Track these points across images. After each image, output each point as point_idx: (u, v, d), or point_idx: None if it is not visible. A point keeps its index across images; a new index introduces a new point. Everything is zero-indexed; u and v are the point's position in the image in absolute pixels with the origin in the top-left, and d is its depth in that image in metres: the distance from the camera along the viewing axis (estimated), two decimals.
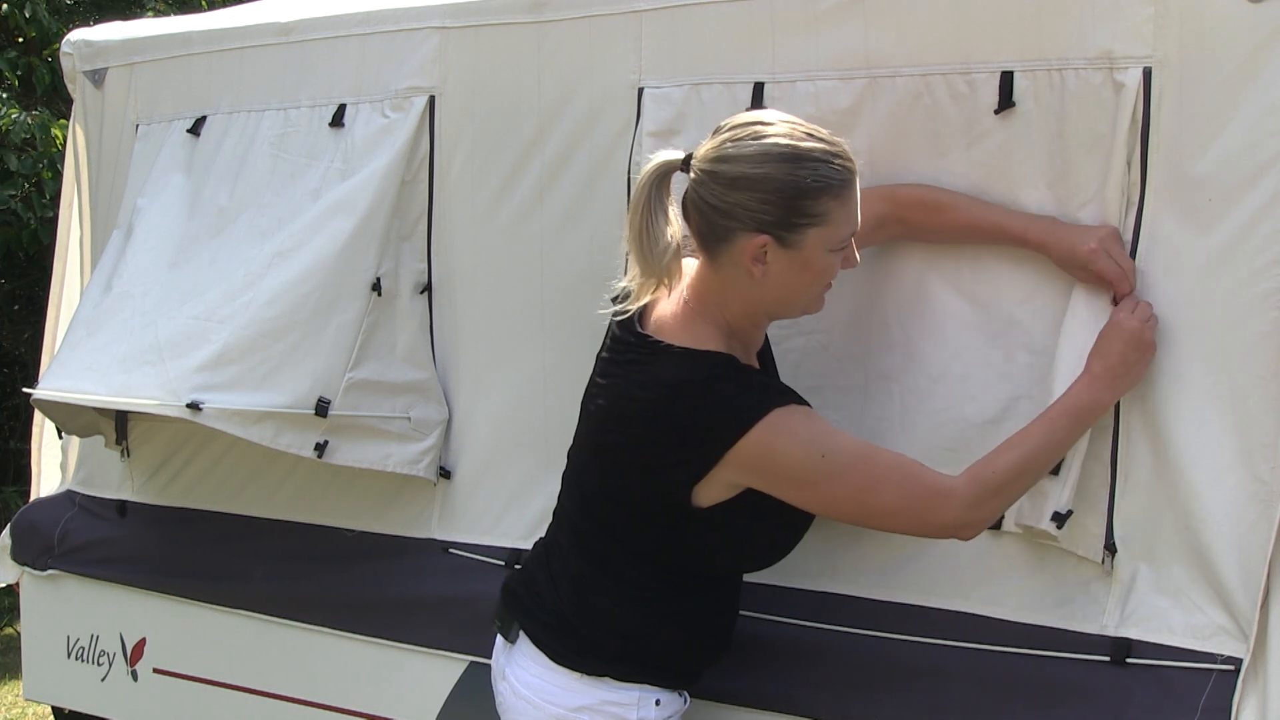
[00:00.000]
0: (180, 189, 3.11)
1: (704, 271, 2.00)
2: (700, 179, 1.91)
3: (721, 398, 1.92)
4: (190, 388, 2.65)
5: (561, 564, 2.14)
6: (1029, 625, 2.12)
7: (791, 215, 1.87)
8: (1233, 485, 1.96)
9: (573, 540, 2.14)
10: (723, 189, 1.88)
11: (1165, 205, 2.00)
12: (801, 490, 1.95)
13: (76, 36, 3.46)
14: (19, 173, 6.10)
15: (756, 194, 1.87)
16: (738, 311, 2.00)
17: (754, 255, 1.90)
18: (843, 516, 2.02)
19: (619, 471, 2.03)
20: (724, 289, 1.98)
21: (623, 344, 2.05)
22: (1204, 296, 1.98)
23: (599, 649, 2.06)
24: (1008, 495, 1.98)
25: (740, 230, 1.89)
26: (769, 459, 1.92)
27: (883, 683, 2.21)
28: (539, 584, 2.15)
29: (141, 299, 2.93)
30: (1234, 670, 1.95)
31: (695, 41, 2.41)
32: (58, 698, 3.59)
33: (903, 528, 2.04)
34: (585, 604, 2.08)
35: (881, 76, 2.21)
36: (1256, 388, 1.95)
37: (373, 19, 2.85)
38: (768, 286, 1.95)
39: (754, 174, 1.86)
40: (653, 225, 1.92)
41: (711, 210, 1.90)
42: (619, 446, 2.03)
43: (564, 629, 2.09)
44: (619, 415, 2.03)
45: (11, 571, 3.58)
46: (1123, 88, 2.00)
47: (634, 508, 2.03)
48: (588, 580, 2.09)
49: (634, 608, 2.07)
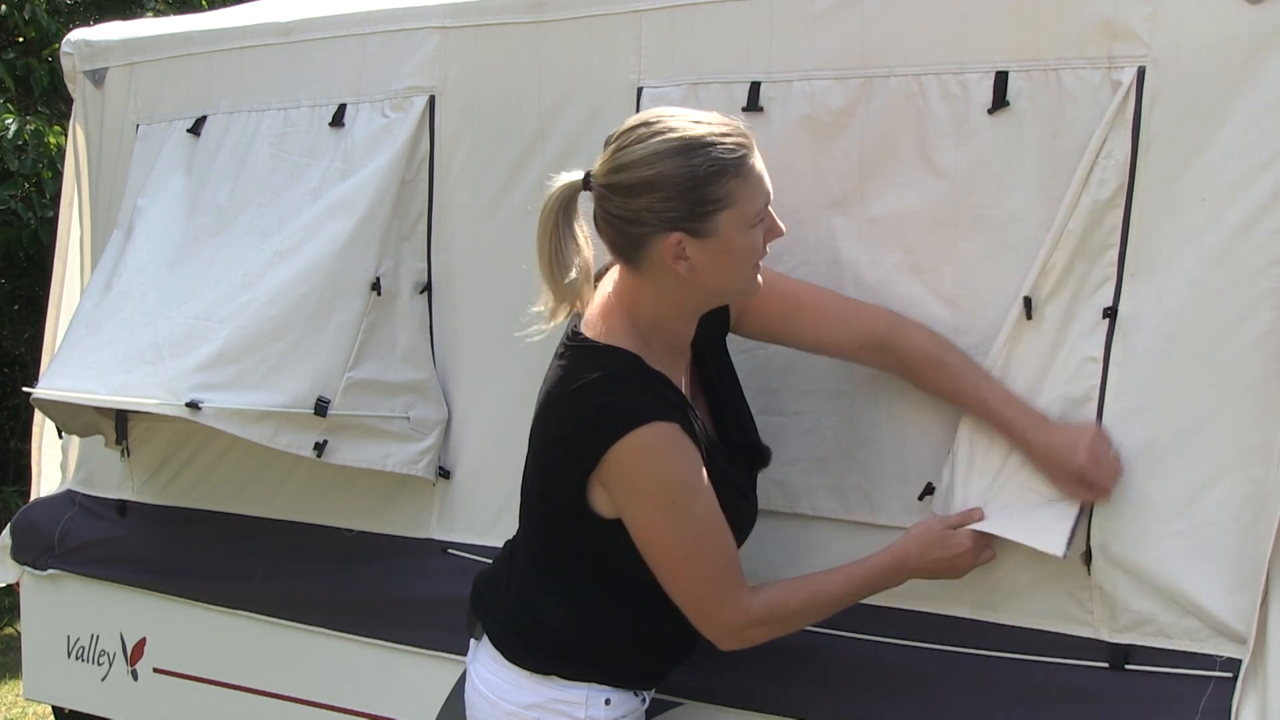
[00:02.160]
0: (180, 189, 3.11)
1: (629, 279, 1.98)
2: (602, 194, 1.92)
3: (611, 398, 1.92)
4: (189, 387, 2.65)
5: (516, 563, 2.17)
6: (1026, 630, 2.12)
7: (696, 205, 1.87)
8: (1230, 486, 1.96)
9: (522, 539, 2.18)
10: (623, 199, 1.89)
11: (1159, 205, 2.00)
12: (644, 510, 1.94)
13: (76, 36, 3.46)
14: (19, 173, 6.10)
15: (657, 195, 1.87)
16: (670, 312, 2.00)
17: (673, 254, 1.89)
18: (652, 556, 1.97)
19: (539, 470, 2.06)
20: (654, 293, 1.97)
21: (561, 343, 2.06)
22: (1201, 297, 1.98)
23: (543, 647, 2.08)
24: (782, 629, 2.05)
25: (652, 234, 1.89)
26: (631, 473, 1.91)
27: (880, 687, 2.21)
28: (498, 583, 2.19)
29: (141, 298, 2.93)
30: (1233, 673, 1.95)
31: (694, 41, 2.41)
32: (58, 697, 3.60)
33: (685, 602, 2.00)
34: (529, 602, 2.11)
35: (876, 76, 2.21)
36: (1254, 388, 1.95)
37: (373, 19, 2.86)
38: (698, 281, 1.93)
39: (649, 175, 1.86)
40: (562, 251, 1.92)
41: (620, 221, 1.91)
42: (537, 445, 2.06)
43: (513, 627, 2.11)
44: (540, 413, 2.04)
45: (12, 571, 3.58)
46: (1118, 87, 2.00)
47: (553, 508, 2.05)
48: (531, 578, 2.12)
49: (572, 607, 2.08)
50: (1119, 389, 2.02)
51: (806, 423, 2.31)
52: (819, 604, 2.05)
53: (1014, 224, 2.11)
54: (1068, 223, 2.02)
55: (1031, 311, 2.05)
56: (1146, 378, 2.01)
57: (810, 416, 2.31)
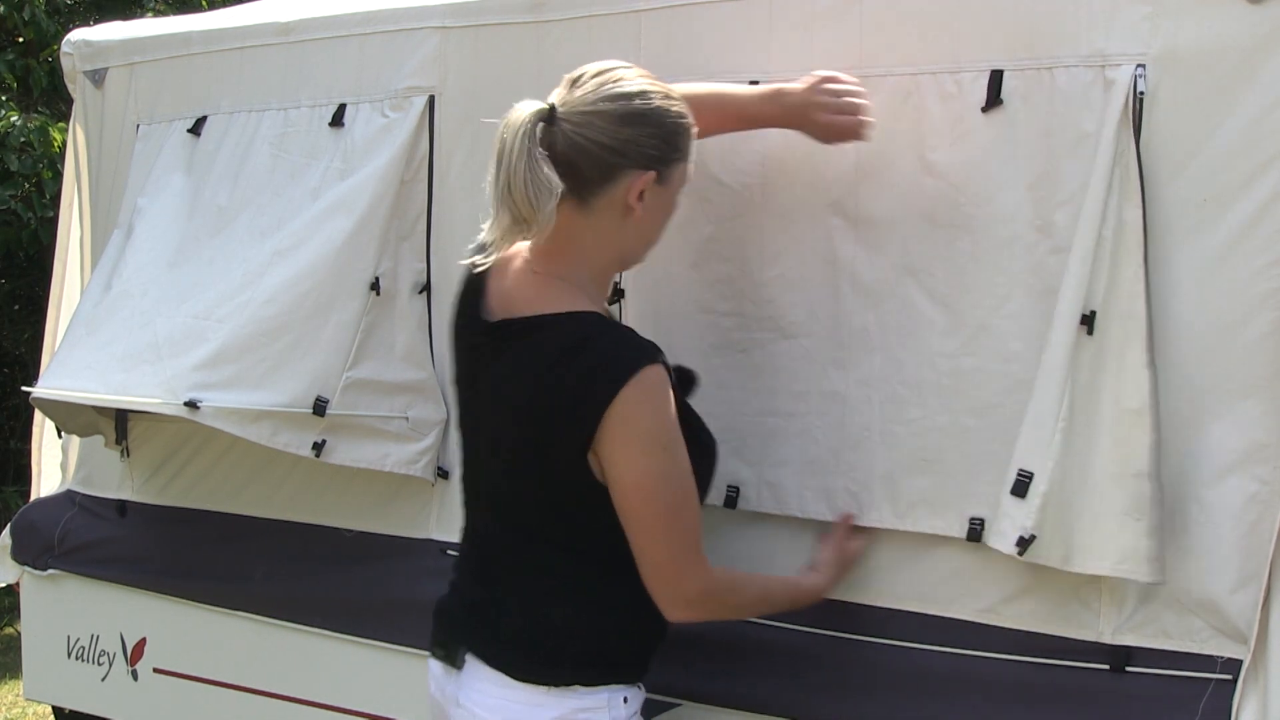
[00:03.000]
0: (180, 189, 3.11)
1: (567, 225, 1.94)
2: (585, 120, 1.90)
3: (603, 351, 1.93)
4: (188, 386, 2.65)
5: (503, 582, 2.08)
6: (1026, 633, 2.11)
7: (670, 151, 1.95)
8: (1233, 487, 1.96)
9: (506, 556, 2.09)
10: (614, 125, 1.90)
11: (1160, 205, 1.99)
12: (641, 458, 1.91)
13: (76, 36, 3.46)
14: (19, 173, 6.10)
15: (647, 129, 1.92)
16: (602, 262, 2.01)
17: (637, 193, 1.94)
18: (640, 509, 1.95)
19: (532, 463, 2.00)
20: (593, 237, 1.98)
21: (482, 340, 2.03)
22: (1202, 297, 1.97)
23: (562, 658, 2.01)
24: (722, 611, 2.13)
25: (628, 168, 1.92)
26: (634, 417, 1.90)
27: (880, 688, 2.20)
28: (482, 605, 2.09)
29: (141, 298, 2.93)
30: (1233, 674, 1.94)
31: (694, 41, 2.41)
32: (58, 697, 3.60)
33: (662, 558, 1.98)
34: (538, 616, 2.03)
35: (874, 75, 2.21)
36: (1256, 389, 1.95)
37: (373, 19, 2.85)
38: (636, 228, 1.98)
39: (644, 109, 1.92)
40: (538, 172, 1.87)
41: (601, 149, 1.91)
42: (520, 440, 2.00)
43: (521, 644, 2.03)
44: (511, 406, 1.99)
45: (12, 571, 3.58)
46: (1113, 85, 1.99)
47: (555, 497, 2.00)
48: (534, 588, 2.05)
49: (583, 607, 2.04)
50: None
51: (800, 424, 2.31)
52: (763, 602, 2.17)
53: (1007, 223, 2.11)
54: (1101, 229, 1.98)
55: (1094, 327, 1.99)
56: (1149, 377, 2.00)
57: (803, 418, 2.30)
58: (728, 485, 2.36)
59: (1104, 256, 1.98)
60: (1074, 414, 1.99)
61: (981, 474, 2.12)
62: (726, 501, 2.36)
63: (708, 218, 2.37)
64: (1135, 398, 1.96)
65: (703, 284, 2.39)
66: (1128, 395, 1.97)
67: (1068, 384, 1.98)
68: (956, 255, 2.15)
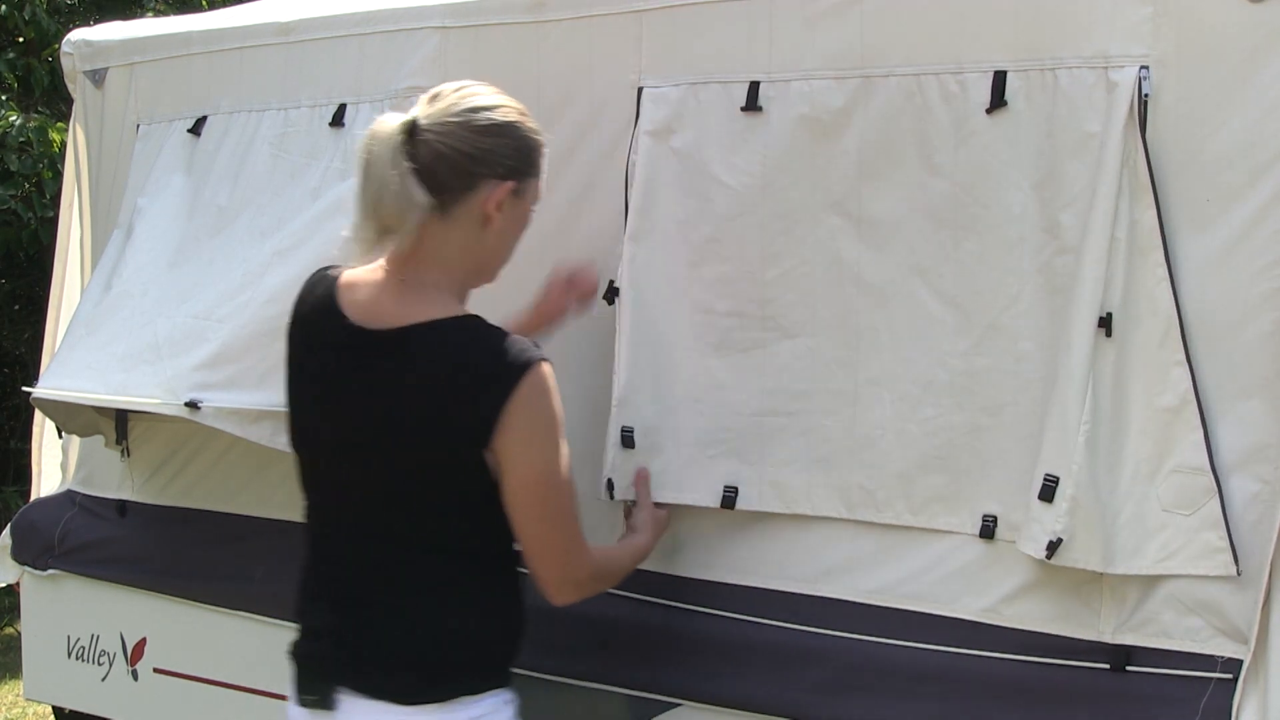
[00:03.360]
0: (180, 189, 3.11)
1: (428, 235, 1.97)
2: (447, 129, 1.95)
3: (493, 352, 1.93)
4: (188, 386, 2.65)
5: (378, 604, 2.01)
6: (1027, 632, 2.12)
7: (525, 164, 2.02)
8: (1234, 487, 1.96)
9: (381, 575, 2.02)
10: (476, 135, 1.96)
11: (1162, 206, 1.99)
12: (541, 451, 1.94)
13: (77, 36, 3.46)
14: (19, 173, 6.10)
15: (507, 140, 1.98)
16: (459, 272, 2.03)
17: (497, 202, 1.98)
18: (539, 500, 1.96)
19: (412, 477, 1.96)
20: (454, 246, 2.00)
21: (345, 350, 2.00)
22: (1204, 297, 1.98)
23: (444, 670, 1.98)
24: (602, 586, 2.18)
25: (488, 177, 1.97)
26: (529, 413, 1.92)
27: (882, 688, 2.20)
28: (353, 634, 2.01)
29: (141, 298, 2.93)
30: (1234, 673, 1.95)
31: (695, 41, 2.41)
32: (58, 697, 3.60)
33: (556, 547, 2.00)
34: (418, 631, 1.98)
35: (875, 76, 2.21)
36: (1258, 389, 1.95)
37: (373, 19, 2.85)
38: (492, 239, 2.02)
39: (503, 122, 1.99)
40: (407, 180, 1.92)
41: (463, 157, 1.95)
42: (406, 450, 1.96)
43: (403, 666, 1.97)
44: (393, 416, 1.96)
45: (12, 571, 3.58)
46: (1116, 87, 1.99)
47: (439, 507, 1.98)
48: (418, 606, 1.99)
49: (469, 614, 2.01)
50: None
51: (804, 423, 2.31)
52: (623, 571, 2.22)
53: (1013, 223, 2.11)
54: (1114, 230, 1.99)
55: (1112, 329, 2.00)
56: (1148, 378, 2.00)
57: (808, 417, 2.30)
58: (724, 486, 2.35)
59: (1118, 258, 1.98)
60: (1098, 416, 1.99)
61: (994, 472, 2.13)
62: (724, 502, 2.36)
63: (707, 217, 2.37)
64: (1170, 395, 1.97)
65: (702, 284, 2.39)
66: (1160, 394, 1.98)
67: (1088, 387, 1.99)
68: (964, 255, 2.15)
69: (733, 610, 2.37)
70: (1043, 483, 2.01)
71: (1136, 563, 1.99)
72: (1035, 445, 2.06)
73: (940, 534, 2.20)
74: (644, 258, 2.40)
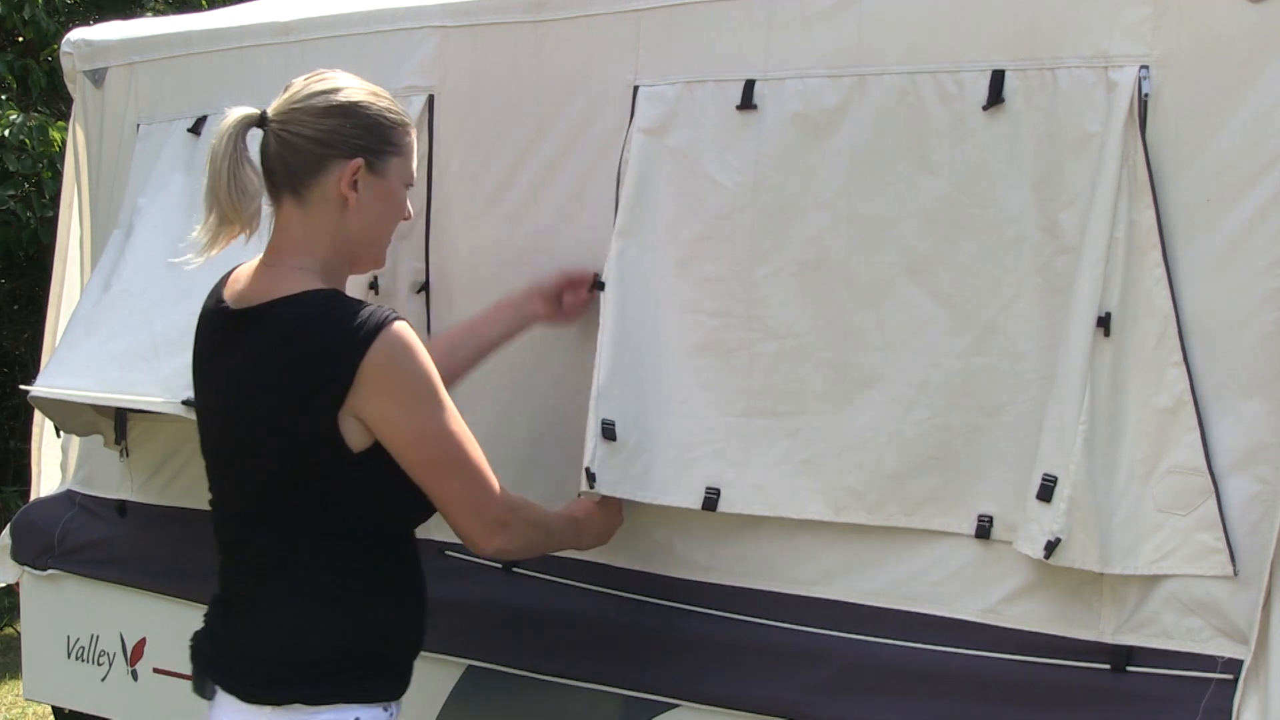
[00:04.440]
0: (180, 188, 3.10)
1: (289, 222, 2.03)
2: (290, 117, 2.00)
3: (340, 320, 1.94)
4: (187, 385, 2.63)
5: (234, 604, 2.05)
6: (1027, 632, 2.11)
7: (379, 143, 2.02)
8: (1234, 487, 1.96)
9: (243, 573, 2.06)
10: (316, 118, 1.99)
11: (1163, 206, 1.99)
12: (413, 407, 1.95)
13: (76, 36, 3.46)
14: (19, 173, 6.10)
15: (350, 120, 2.00)
16: (328, 254, 2.04)
17: (349, 181, 2.00)
18: (428, 452, 1.98)
19: (266, 451, 1.97)
20: (313, 230, 2.02)
21: (217, 334, 2.07)
22: (1205, 297, 1.97)
23: (280, 674, 1.96)
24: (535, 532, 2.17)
25: (335, 157, 1.99)
26: (390, 373, 1.92)
27: (882, 688, 2.20)
28: (216, 632, 2.08)
29: (139, 297, 2.93)
30: (1234, 674, 1.94)
31: (692, 40, 2.40)
32: (58, 698, 3.60)
33: (464, 496, 2.01)
34: (263, 628, 2.00)
35: (870, 75, 2.20)
36: (1258, 389, 1.95)
37: (372, 19, 2.85)
38: (357, 218, 2.03)
39: (344, 102, 2.01)
40: (239, 173, 1.98)
41: (306, 141, 1.99)
42: (257, 422, 1.97)
43: (245, 663, 1.99)
44: (249, 393, 1.98)
45: (11, 571, 3.58)
46: (1116, 86, 1.99)
47: (301, 480, 1.97)
48: (263, 600, 2.01)
49: (321, 605, 1.99)
50: None
51: (791, 425, 2.30)
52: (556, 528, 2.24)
53: (1011, 223, 2.11)
54: (1113, 230, 1.99)
55: (1110, 329, 1.99)
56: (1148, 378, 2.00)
57: (795, 418, 2.30)
58: (706, 488, 2.34)
59: (1116, 259, 1.98)
60: (1095, 416, 1.99)
61: (991, 472, 2.13)
62: (705, 504, 2.34)
63: (699, 216, 2.37)
64: (1166, 396, 1.97)
65: (689, 282, 2.38)
66: (1156, 394, 1.98)
67: (1086, 387, 1.99)
68: (960, 255, 2.14)
69: (731, 611, 2.36)
70: (1041, 482, 2.01)
71: (1132, 563, 1.99)
72: (1033, 445, 2.06)
73: (938, 535, 2.19)
74: (632, 254, 2.39)
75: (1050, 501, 2.00)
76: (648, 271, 2.39)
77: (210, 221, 2.01)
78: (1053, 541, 1.99)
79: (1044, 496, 2.00)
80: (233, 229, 2.01)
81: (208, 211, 2.01)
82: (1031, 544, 2.03)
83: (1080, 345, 1.99)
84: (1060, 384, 2.01)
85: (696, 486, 2.34)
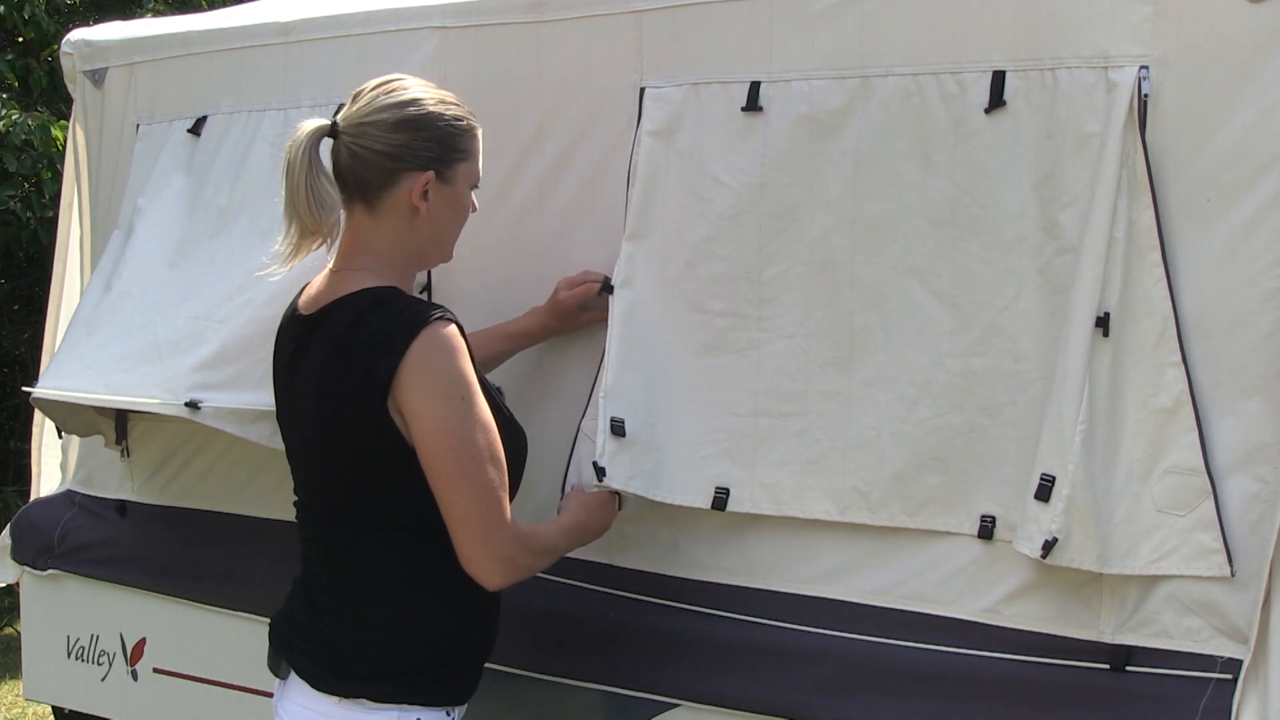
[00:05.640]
0: (180, 189, 3.10)
1: (359, 229, 2.09)
2: (361, 131, 2.04)
3: (390, 314, 1.99)
4: (188, 386, 2.65)
5: (318, 592, 2.12)
6: (1027, 632, 2.12)
7: (448, 152, 2.08)
8: (1234, 487, 1.96)
9: (325, 568, 2.12)
10: (387, 133, 2.03)
11: (1163, 206, 1.99)
12: (438, 407, 1.96)
13: (76, 36, 3.46)
14: (19, 173, 6.10)
15: (420, 133, 2.04)
16: (395, 256, 2.10)
17: (419, 192, 2.05)
18: (442, 460, 1.97)
19: (335, 446, 2.03)
20: (382, 236, 2.08)
21: (292, 342, 2.13)
22: (1204, 297, 1.98)
23: (353, 667, 2.02)
24: (533, 563, 2.12)
25: (406, 170, 2.04)
26: (425, 367, 1.96)
27: (882, 688, 2.20)
28: (298, 616, 2.14)
29: (141, 298, 2.93)
30: (1233, 673, 1.95)
31: (696, 41, 2.41)
32: (58, 697, 3.60)
33: (471, 514, 1.99)
34: (343, 620, 2.06)
35: (874, 76, 2.21)
36: (1258, 389, 1.95)
37: (373, 19, 2.85)
38: (427, 225, 2.09)
39: (415, 115, 2.05)
40: (317, 186, 2.04)
41: (378, 155, 2.03)
42: (326, 418, 2.03)
43: (321, 653, 2.06)
44: (320, 392, 2.04)
45: (11, 571, 3.58)
46: (1116, 87, 1.99)
47: (362, 484, 2.02)
48: (343, 593, 2.08)
49: (393, 604, 2.03)
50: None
51: (797, 425, 2.30)
52: (559, 546, 2.20)
53: (1012, 223, 2.11)
54: (1112, 230, 1.99)
55: (1109, 329, 2.00)
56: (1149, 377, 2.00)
57: (801, 418, 2.30)
58: (716, 487, 2.35)
59: (1116, 259, 1.98)
60: (1094, 416, 1.99)
61: (993, 472, 2.13)
62: (715, 503, 2.35)
63: (706, 217, 2.37)
64: (1165, 396, 1.98)
65: (697, 283, 2.39)
66: (1155, 394, 1.98)
67: (1085, 387, 1.99)
68: (962, 255, 2.15)
69: (732, 610, 2.37)
70: (1039, 482, 2.02)
71: (1131, 563, 2.00)
72: (1035, 445, 2.06)
73: (939, 535, 2.20)
74: (642, 257, 2.40)
75: (1048, 501, 2.00)
76: (656, 273, 2.40)
77: (292, 233, 2.08)
78: (1050, 541, 1.99)
79: (1042, 496, 2.01)
80: (314, 239, 2.07)
81: (288, 223, 2.07)
82: (1029, 543, 2.03)
83: (1079, 345, 2.00)
84: (1059, 384, 2.02)
85: (706, 486, 2.35)
